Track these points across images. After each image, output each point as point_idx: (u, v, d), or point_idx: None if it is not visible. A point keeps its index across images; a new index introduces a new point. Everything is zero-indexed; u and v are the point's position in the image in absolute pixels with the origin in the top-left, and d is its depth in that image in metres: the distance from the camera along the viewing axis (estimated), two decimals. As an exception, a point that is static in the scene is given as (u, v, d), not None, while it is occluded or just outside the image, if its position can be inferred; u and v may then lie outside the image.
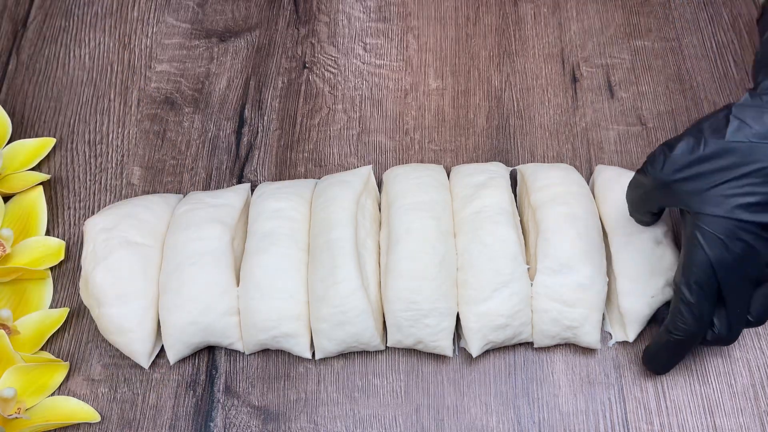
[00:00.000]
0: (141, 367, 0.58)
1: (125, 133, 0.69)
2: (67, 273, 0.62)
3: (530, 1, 0.75)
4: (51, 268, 0.62)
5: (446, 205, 0.58)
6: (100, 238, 0.58)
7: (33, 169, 0.66)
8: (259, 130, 0.68)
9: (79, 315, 0.60)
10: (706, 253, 0.47)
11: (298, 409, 0.56)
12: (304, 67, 0.72)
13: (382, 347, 0.58)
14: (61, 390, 0.57)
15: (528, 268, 0.56)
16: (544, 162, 0.66)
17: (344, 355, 0.58)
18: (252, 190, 0.63)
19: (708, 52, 0.71)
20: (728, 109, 0.47)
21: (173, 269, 0.56)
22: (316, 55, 0.72)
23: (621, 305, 0.56)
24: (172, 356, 0.57)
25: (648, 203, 0.53)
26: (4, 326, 0.57)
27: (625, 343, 0.58)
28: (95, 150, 0.68)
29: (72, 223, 0.65)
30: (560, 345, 0.57)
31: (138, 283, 0.56)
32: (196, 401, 0.57)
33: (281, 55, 0.73)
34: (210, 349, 0.59)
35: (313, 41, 0.73)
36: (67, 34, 0.75)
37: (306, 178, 0.65)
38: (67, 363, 0.58)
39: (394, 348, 0.58)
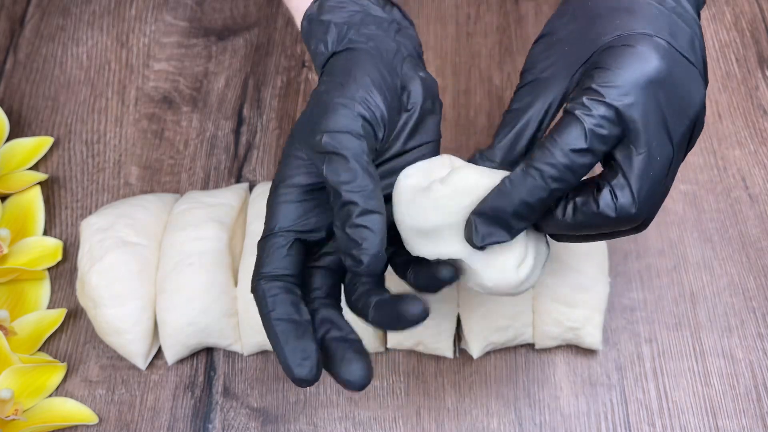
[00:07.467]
0: (139, 369, 0.57)
1: (123, 132, 0.68)
2: (64, 273, 0.62)
3: None
4: (48, 269, 0.62)
5: None
6: (96, 238, 0.57)
7: (30, 168, 0.66)
8: (258, 129, 0.68)
9: (76, 316, 0.60)
10: None
11: (297, 410, 0.56)
12: (303, 65, 0.71)
13: (382, 348, 0.57)
14: (58, 391, 0.57)
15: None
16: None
17: (344, 357, 0.57)
18: (250, 190, 0.63)
19: (710, 50, 0.71)
20: None
21: (171, 269, 0.56)
22: (316, 53, 0.72)
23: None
24: (171, 357, 0.56)
25: None
26: (1, 327, 0.57)
27: (626, 343, 0.57)
28: (93, 149, 0.68)
29: (70, 223, 0.64)
30: (562, 346, 0.57)
31: (134, 283, 0.56)
32: (194, 403, 0.56)
33: (280, 53, 0.72)
34: (208, 351, 0.58)
35: (313, 40, 0.73)
36: (64, 33, 0.74)
37: (305, 177, 0.65)
38: (65, 364, 0.57)
39: (394, 349, 0.58)
